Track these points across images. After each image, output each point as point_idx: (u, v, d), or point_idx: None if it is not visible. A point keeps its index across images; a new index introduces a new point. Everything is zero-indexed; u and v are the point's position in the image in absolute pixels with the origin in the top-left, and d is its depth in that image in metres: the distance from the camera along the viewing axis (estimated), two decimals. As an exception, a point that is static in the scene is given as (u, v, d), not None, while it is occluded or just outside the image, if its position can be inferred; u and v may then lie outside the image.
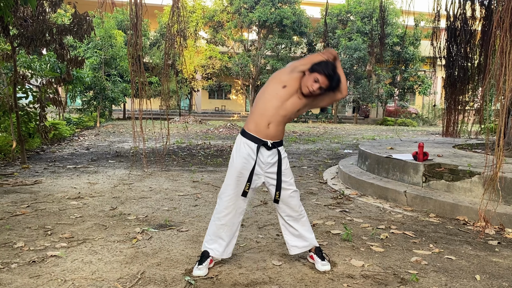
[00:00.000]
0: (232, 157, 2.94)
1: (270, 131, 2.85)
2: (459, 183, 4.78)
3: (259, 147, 2.85)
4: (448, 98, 9.55)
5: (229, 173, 2.94)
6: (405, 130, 21.10)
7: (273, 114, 2.82)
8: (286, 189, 2.95)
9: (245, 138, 2.89)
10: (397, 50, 26.54)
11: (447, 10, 9.07)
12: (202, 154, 9.55)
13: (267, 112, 2.83)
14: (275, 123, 2.84)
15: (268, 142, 2.86)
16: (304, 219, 3.05)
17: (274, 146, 2.89)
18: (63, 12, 16.62)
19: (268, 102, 2.83)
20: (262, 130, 2.84)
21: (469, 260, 3.27)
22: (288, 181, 2.96)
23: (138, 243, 3.47)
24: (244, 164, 2.86)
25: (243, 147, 2.88)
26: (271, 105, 2.82)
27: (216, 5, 27.12)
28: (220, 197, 2.95)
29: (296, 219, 3.02)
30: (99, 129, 16.42)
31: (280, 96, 2.81)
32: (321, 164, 8.36)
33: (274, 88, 2.84)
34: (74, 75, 12.53)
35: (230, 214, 2.91)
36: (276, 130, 2.87)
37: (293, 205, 2.98)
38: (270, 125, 2.84)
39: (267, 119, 2.83)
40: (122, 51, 20.35)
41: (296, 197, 3.00)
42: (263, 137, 2.85)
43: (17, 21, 6.91)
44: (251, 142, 2.86)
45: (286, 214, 3.02)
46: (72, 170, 6.97)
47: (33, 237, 3.57)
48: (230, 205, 2.90)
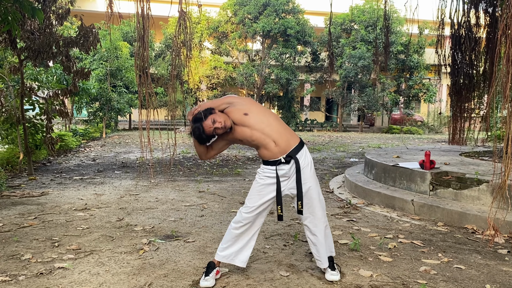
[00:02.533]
0: (255, 179, 2.97)
1: (280, 148, 2.85)
2: (467, 191, 4.75)
3: (276, 169, 2.86)
4: (454, 106, 9.52)
5: (251, 191, 2.96)
6: (411, 138, 21.02)
7: (269, 132, 2.85)
8: (312, 198, 2.93)
9: (264, 165, 2.93)
10: (402, 58, 26.54)
11: (451, 18, 9.08)
12: (207, 164, 9.56)
13: (269, 130, 2.86)
14: (277, 137, 2.85)
15: (281, 159, 2.86)
16: (328, 230, 3.04)
17: (290, 157, 2.86)
18: (69, 24, 16.80)
19: (257, 130, 2.85)
20: (274, 150, 2.85)
21: (479, 269, 3.24)
22: (313, 188, 2.94)
23: (145, 254, 3.46)
24: (264, 181, 2.90)
25: (263, 171, 2.93)
26: (261, 127, 2.85)
27: (221, 16, 27.30)
28: (240, 210, 2.96)
29: (320, 231, 2.98)
30: (105, 140, 16.49)
31: (257, 118, 2.89)
32: (327, 173, 8.34)
33: (260, 107, 2.99)
34: (80, 87, 12.62)
35: (246, 225, 2.92)
36: (284, 143, 2.86)
37: (317, 214, 2.96)
38: (276, 142, 2.85)
39: (269, 139, 2.85)
40: (127, 63, 20.47)
41: (321, 207, 3.00)
42: (277, 156, 2.86)
43: (24, 34, 6.99)
44: (270, 166, 2.89)
45: (311, 227, 2.98)
46: (79, 181, 6.99)
47: (41, 249, 3.57)
48: (249, 216, 2.91)
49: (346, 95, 27.09)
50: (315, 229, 2.96)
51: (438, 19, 9.13)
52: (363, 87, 26.47)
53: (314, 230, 2.97)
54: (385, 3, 8.35)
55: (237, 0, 26.30)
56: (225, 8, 27.01)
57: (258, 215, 2.93)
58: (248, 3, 26.06)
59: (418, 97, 27.88)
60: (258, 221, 2.96)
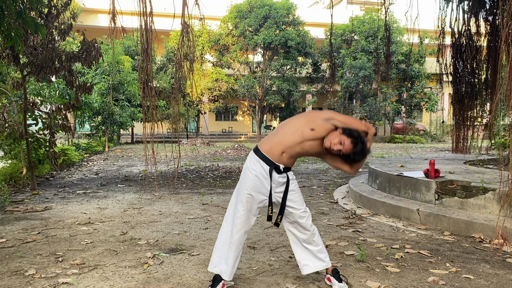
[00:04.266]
0: (245, 173, 2.92)
1: (282, 159, 2.86)
2: (473, 199, 4.71)
3: (271, 170, 2.84)
4: (457, 114, 9.52)
5: (239, 192, 2.91)
6: (414, 147, 20.97)
7: (290, 146, 2.84)
8: (296, 209, 2.93)
9: (258, 157, 2.88)
10: (403, 68, 26.64)
11: (451, 27, 9.12)
12: (210, 176, 9.54)
13: (285, 142, 2.84)
14: (288, 154, 2.86)
15: (280, 166, 2.86)
16: (316, 237, 3.01)
17: (284, 171, 2.90)
18: (72, 39, 16.93)
19: (290, 134, 2.85)
20: (276, 155, 2.85)
21: (488, 279, 3.19)
22: (297, 201, 2.95)
23: (150, 268, 3.43)
24: (255, 182, 2.84)
25: (256, 164, 2.87)
26: (292, 139, 2.84)
27: (222, 29, 27.50)
28: (226, 218, 2.95)
29: (307, 240, 2.98)
30: (108, 153, 16.50)
31: (304, 135, 2.83)
32: (331, 183, 8.30)
33: (302, 126, 2.85)
34: (83, 101, 12.67)
35: (239, 232, 2.89)
36: (288, 160, 2.89)
37: (304, 224, 2.95)
38: (283, 154, 2.85)
39: (282, 148, 2.84)
40: (129, 76, 20.60)
41: (307, 217, 2.97)
42: (276, 161, 2.86)
43: (27, 50, 7.03)
44: (264, 164, 2.85)
45: (297, 236, 3.00)
46: (82, 196, 6.98)
47: (44, 264, 3.54)
48: (240, 222, 2.88)
49: (348, 105, 27.15)
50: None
51: (438, 28, 9.17)
52: (364, 97, 26.53)
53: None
54: (386, 14, 8.39)
55: (238, 13, 26.53)
56: (226, 21, 27.24)
57: (249, 219, 2.92)
58: (248, 15, 26.28)
59: (420, 106, 27.93)
60: (248, 226, 2.94)
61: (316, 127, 2.82)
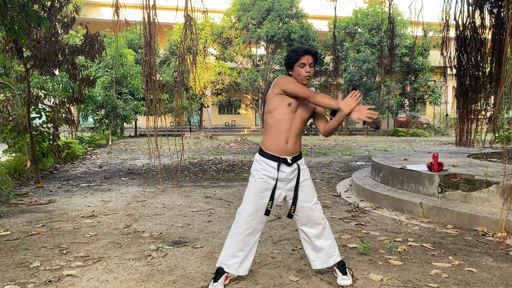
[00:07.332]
0: (252, 175, 2.92)
1: (288, 147, 2.86)
2: (476, 193, 4.70)
3: (279, 165, 2.84)
4: (460, 108, 9.47)
5: (250, 190, 2.91)
6: (417, 141, 20.93)
7: (288, 129, 2.84)
8: (308, 201, 2.93)
9: (264, 157, 2.88)
10: (406, 61, 26.50)
11: (456, 19, 9.05)
12: (213, 169, 9.55)
13: (283, 129, 2.84)
14: (292, 138, 2.86)
15: (287, 159, 2.86)
16: (327, 231, 3.01)
17: (293, 161, 2.89)
18: (75, 33, 16.91)
19: (280, 122, 2.84)
20: (281, 147, 2.85)
21: (491, 272, 3.20)
22: (309, 191, 2.94)
23: (153, 261, 3.45)
24: (263, 183, 2.85)
25: (262, 166, 2.87)
26: (284, 123, 2.84)
27: (224, 22, 27.42)
28: (239, 212, 2.93)
29: (318, 235, 2.97)
30: (111, 147, 16.54)
31: (289, 114, 2.84)
32: (334, 177, 8.30)
33: (281, 109, 2.84)
34: (86, 95, 12.68)
35: (249, 229, 2.88)
36: (294, 144, 2.88)
37: (315, 218, 2.95)
38: (288, 141, 2.85)
39: (284, 136, 2.84)
40: (132, 70, 20.58)
41: (319, 210, 2.97)
42: (282, 154, 2.85)
43: (30, 43, 7.04)
44: (271, 161, 2.86)
45: (308, 233, 2.98)
46: (86, 189, 7.01)
47: (49, 257, 3.57)
48: (250, 220, 2.87)
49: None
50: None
51: (443, 21, 9.11)
52: (368, 90, 26.43)
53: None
54: (390, 6, 8.34)
55: (241, 6, 26.41)
56: (229, 14, 27.13)
57: (260, 218, 2.90)
58: (251, 8, 26.17)
59: (424, 100, 27.80)
60: (260, 225, 2.93)
61: (288, 100, 2.83)
